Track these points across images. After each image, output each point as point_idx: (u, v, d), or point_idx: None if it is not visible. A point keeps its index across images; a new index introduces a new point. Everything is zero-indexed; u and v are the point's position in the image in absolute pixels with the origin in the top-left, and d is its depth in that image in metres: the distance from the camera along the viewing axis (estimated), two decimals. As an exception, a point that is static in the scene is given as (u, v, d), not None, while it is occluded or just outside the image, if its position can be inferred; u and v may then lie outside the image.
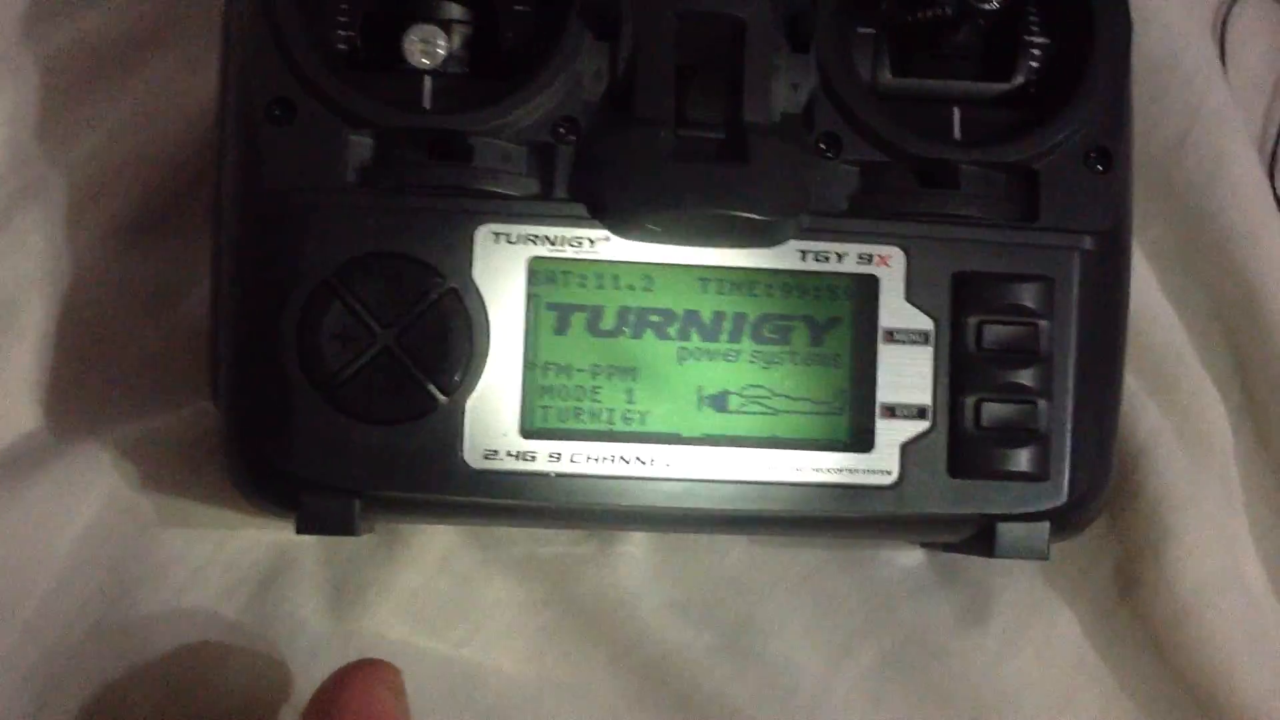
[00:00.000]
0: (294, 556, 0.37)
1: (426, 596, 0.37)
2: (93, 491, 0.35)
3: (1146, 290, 0.40)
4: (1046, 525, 0.33)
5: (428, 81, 0.32)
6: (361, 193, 0.32)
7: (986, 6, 0.34)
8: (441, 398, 0.32)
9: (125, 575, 0.36)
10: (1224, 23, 0.43)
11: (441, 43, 0.32)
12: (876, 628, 0.38)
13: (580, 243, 0.32)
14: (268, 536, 0.36)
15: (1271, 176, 0.43)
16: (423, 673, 0.34)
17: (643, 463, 0.32)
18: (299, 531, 0.32)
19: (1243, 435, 0.40)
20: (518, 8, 0.33)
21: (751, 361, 0.33)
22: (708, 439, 0.33)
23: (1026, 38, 0.35)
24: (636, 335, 0.33)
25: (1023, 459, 0.33)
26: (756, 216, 0.32)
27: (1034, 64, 0.35)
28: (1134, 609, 0.38)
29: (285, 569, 0.37)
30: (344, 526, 0.32)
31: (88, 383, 0.37)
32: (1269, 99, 0.45)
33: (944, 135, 0.34)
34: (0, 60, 0.38)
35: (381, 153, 0.32)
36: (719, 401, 0.33)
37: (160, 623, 0.35)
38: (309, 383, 0.31)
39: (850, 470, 0.33)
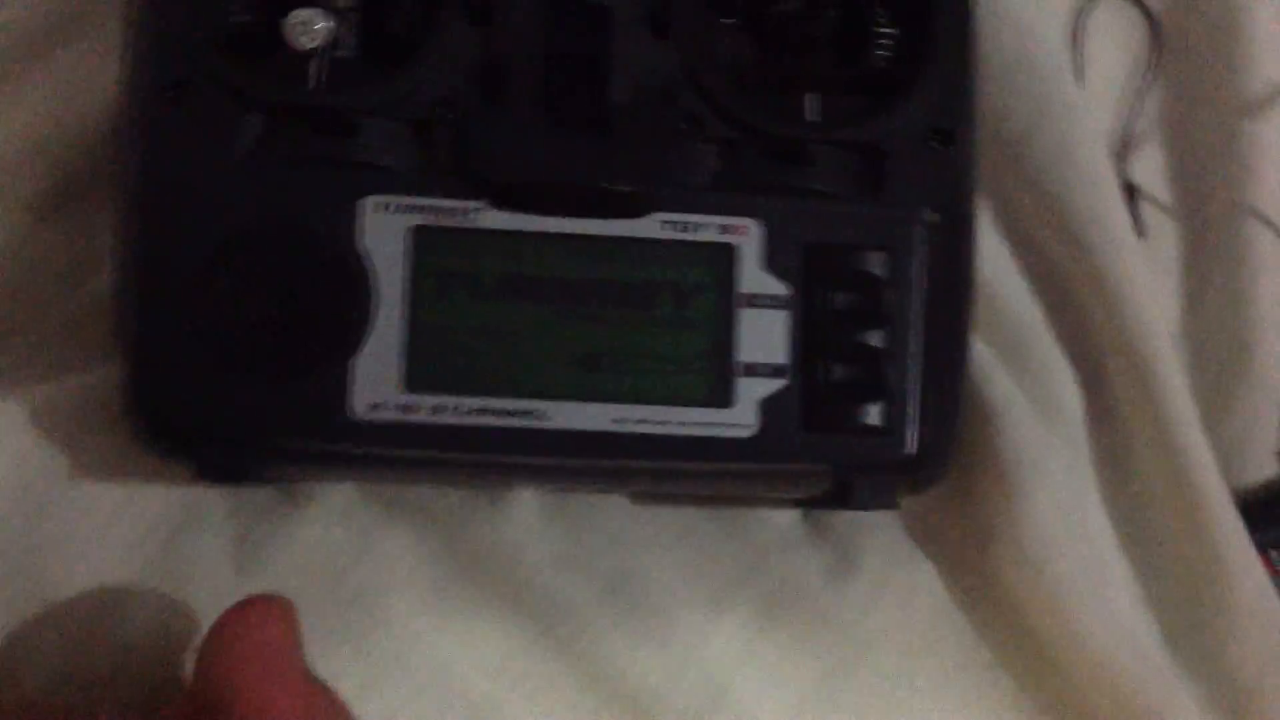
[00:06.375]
0: (201, 510, 0.39)
1: (327, 547, 0.39)
2: (3, 451, 0.37)
3: (1000, 264, 0.42)
4: (894, 478, 0.36)
5: (314, 63, 0.35)
6: (251, 167, 0.34)
7: None
8: (328, 357, 0.34)
9: (35, 532, 0.37)
10: (1080, 22, 0.46)
11: (320, 25, 0.34)
12: (750, 581, 0.41)
13: (459, 213, 0.35)
14: (177, 491, 0.38)
15: (1125, 166, 0.46)
16: (320, 619, 0.36)
17: (519, 418, 0.35)
18: (201, 479, 0.35)
19: (1093, 403, 0.43)
20: None
21: (620, 325, 0.35)
22: (580, 396, 0.35)
23: (876, 27, 0.37)
24: (513, 300, 0.35)
25: (870, 414, 0.35)
26: (620, 188, 0.34)
27: (883, 51, 0.37)
28: (987, 563, 0.40)
29: (193, 522, 0.38)
30: (241, 475, 0.35)
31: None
32: (1124, 95, 0.48)
33: (798, 117, 0.36)
34: None
35: (270, 130, 0.34)
36: (590, 362, 0.35)
37: (68, 574, 0.37)
38: (202, 343, 0.34)
39: (712, 424, 0.35)
